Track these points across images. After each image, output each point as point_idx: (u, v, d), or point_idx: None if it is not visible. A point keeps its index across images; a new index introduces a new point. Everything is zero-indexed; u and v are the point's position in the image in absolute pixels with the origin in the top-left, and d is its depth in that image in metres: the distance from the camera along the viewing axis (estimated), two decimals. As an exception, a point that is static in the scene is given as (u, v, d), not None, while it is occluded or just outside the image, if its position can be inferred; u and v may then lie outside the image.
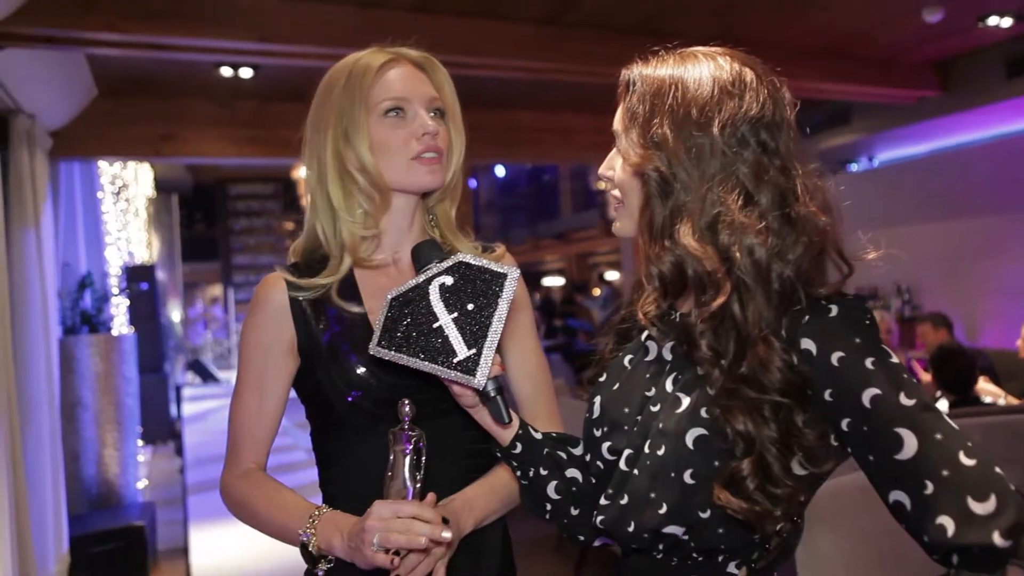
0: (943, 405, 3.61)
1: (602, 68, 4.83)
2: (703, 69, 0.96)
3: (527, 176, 18.55)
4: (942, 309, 5.94)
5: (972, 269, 6.84)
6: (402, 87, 1.22)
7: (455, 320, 1.02)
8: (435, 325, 1.03)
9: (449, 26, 4.28)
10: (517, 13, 4.45)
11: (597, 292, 13.77)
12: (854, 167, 7.92)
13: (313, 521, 1.13)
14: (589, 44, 4.74)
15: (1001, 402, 4.45)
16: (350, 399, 1.19)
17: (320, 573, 1.15)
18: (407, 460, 1.08)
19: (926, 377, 4.08)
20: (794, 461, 0.88)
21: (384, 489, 1.08)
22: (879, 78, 5.84)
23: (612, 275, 16.64)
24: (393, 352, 1.03)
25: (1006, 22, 5.07)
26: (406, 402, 1.09)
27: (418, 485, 1.08)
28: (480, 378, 1.00)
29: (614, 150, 1.05)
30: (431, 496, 1.09)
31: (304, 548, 1.14)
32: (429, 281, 1.06)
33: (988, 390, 4.57)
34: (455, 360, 1.01)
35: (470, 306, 1.03)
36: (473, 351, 1.00)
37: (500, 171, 16.87)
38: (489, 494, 1.21)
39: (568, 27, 4.67)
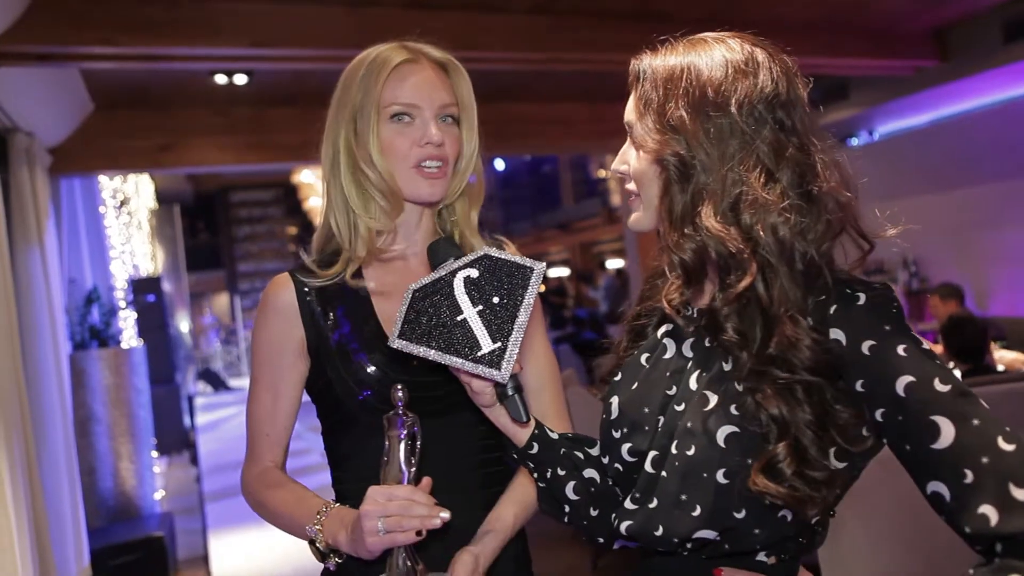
0: (956, 374, 3.60)
1: (596, 55, 4.82)
2: (714, 52, 0.96)
3: (527, 168, 18.53)
4: (950, 280, 5.91)
5: (978, 238, 6.81)
6: (413, 92, 1.20)
7: (480, 313, 1.01)
8: (459, 318, 1.02)
9: (442, 21, 4.27)
10: (508, 4, 4.43)
11: (600, 282, 13.72)
12: (854, 141, 7.88)
13: (320, 517, 1.14)
14: (582, 31, 4.72)
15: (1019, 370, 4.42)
16: (360, 398, 1.19)
17: (332, 567, 1.15)
18: (402, 445, 1.07)
19: (938, 349, 4.06)
20: (830, 447, 0.86)
21: (380, 475, 1.08)
22: (876, 50, 5.80)
23: (617, 263, 16.62)
24: (415, 345, 1.02)
25: (1002, -13, 5.04)
26: (399, 387, 1.08)
27: (413, 469, 1.07)
28: (505, 372, 0.99)
29: (626, 144, 1.04)
30: (426, 480, 1.08)
31: (312, 544, 1.15)
32: (453, 274, 1.04)
33: (1006, 359, 4.54)
34: (479, 353, 1.00)
35: (495, 299, 1.02)
36: (498, 344, 1.00)
37: (499, 164, 16.85)
38: (515, 514, 1.20)
39: (560, 15, 4.65)
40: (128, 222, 7.88)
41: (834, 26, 5.43)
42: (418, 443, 1.08)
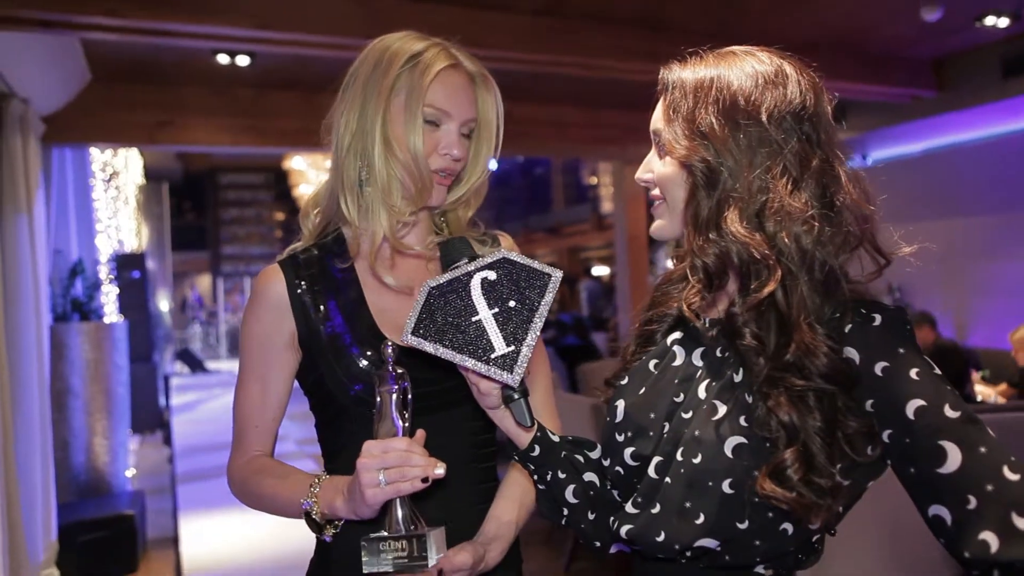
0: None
1: (598, 60, 4.83)
2: (744, 64, 0.97)
3: (519, 169, 18.54)
4: (932, 308, 5.99)
5: (962, 269, 6.89)
6: (448, 102, 1.20)
7: (496, 316, 1.02)
8: (475, 319, 1.02)
9: (446, 15, 4.27)
10: (515, 3, 4.44)
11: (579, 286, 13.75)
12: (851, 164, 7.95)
13: (314, 489, 1.14)
14: (586, 35, 4.73)
15: (992, 400, 4.50)
16: (353, 392, 1.18)
17: (328, 539, 1.14)
18: (393, 399, 1.07)
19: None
20: (838, 457, 0.87)
21: (373, 431, 1.08)
22: (875, 75, 5.86)
23: (602, 270, 16.66)
24: (429, 342, 1.02)
25: (1003, 22, 5.10)
26: (389, 343, 1.08)
27: (406, 424, 1.07)
28: (517, 376, 0.99)
29: (650, 154, 1.05)
30: (420, 433, 1.08)
31: (308, 516, 1.14)
32: (471, 275, 1.05)
33: (980, 391, 4.62)
34: (493, 355, 1.00)
35: (512, 303, 1.02)
36: (512, 348, 1.00)
37: (493, 164, 16.83)
38: (519, 518, 1.21)
39: (565, 18, 4.66)
40: (116, 196, 7.81)
41: (836, 48, 5.49)
42: (409, 396, 1.09)
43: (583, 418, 4.01)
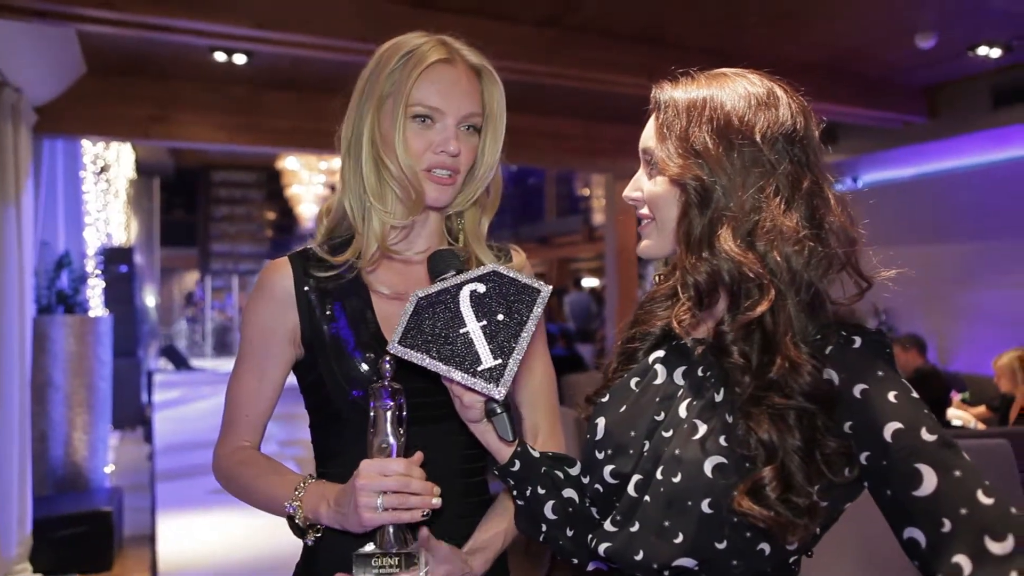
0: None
1: (599, 74, 4.85)
2: (736, 85, 0.98)
3: (512, 178, 18.57)
4: (917, 332, 6.02)
5: (948, 294, 6.94)
6: (441, 98, 1.18)
7: (483, 328, 1.02)
8: (462, 331, 1.02)
9: (448, 22, 4.24)
10: (518, 13, 4.45)
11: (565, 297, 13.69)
12: (838, 187, 7.99)
13: (299, 492, 1.13)
14: (586, 49, 4.75)
15: (972, 426, 4.53)
16: (351, 397, 1.17)
17: (310, 542, 1.14)
18: (388, 415, 1.07)
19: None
20: (816, 477, 0.87)
21: (368, 447, 1.08)
22: (869, 100, 5.92)
23: (591, 281, 16.69)
24: (415, 352, 1.02)
25: (995, 52, 5.16)
26: (387, 358, 1.08)
27: (402, 440, 1.08)
28: (503, 389, 0.99)
29: (638, 173, 1.05)
30: (418, 455, 1.07)
31: (291, 520, 1.13)
32: (460, 286, 1.05)
33: (959, 415, 4.65)
34: (479, 368, 1.00)
35: (500, 316, 1.02)
36: (499, 361, 1.00)
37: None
38: (507, 530, 1.21)
39: (568, 30, 4.68)
40: (106, 190, 7.77)
41: (831, 71, 5.54)
42: (404, 413, 1.09)
43: (568, 430, 4.00)
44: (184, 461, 6.64)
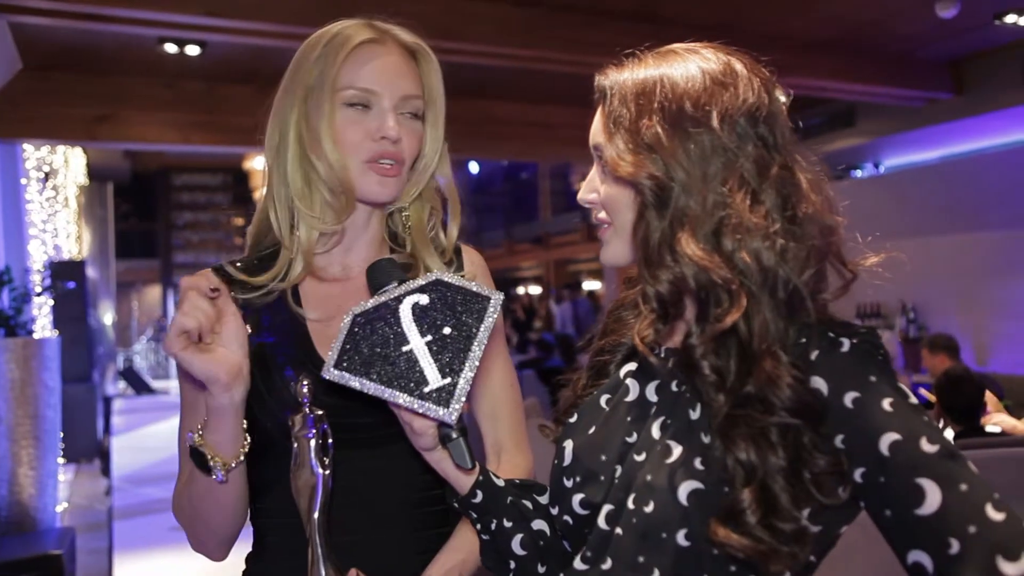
0: (948, 435, 3.63)
1: (590, 57, 4.83)
2: (689, 63, 0.95)
3: (503, 173, 18.58)
4: (950, 329, 6.01)
5: (984, 286, 6.93)
6: (374, 77, 1.16)
7: (428, 345, 0.99)
8: (405, 349, 0.99)
9: (419, 5, 4.25)
10: (497, -8, 4.45)
11: (554, 308, 13.61)
12: (859, 173, 8.02)
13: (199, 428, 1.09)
14: (577, 29, 4.75)
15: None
16: (281, 420, 1.14)
17: (220, 478, 1.08)
18: (312, 445, 1.05)
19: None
20: (804, 500, 0.85)
21: (291, 483, 1.06)
22: (888, 77, 5.92)
23: (593, 284, 16.70)
24: (353, 376, 0.99)
25: (1024, 20, 5.17)
26: (305, 381, 1.06)
27: (326, 471, 1.06)
28: (453, 412, 0.96)
29: (592, 171, 1.02)
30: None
31: (195, 453, 1.08)
32: (400, 299, 1.02)
33: (1005, 422, 4.60)
34: (426, 389, 0.97)
35: (447, 330, 0.99)
36: (447, 380, 0.97)
37: (474, 167, 16.87)
38: (463, 569, 1.17)
39: (554, 9, 4.67)
40: (53, 198, 7.74)
41: (844, 47, 5.54)
42: (329, 441, 1.07)
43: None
44: (145, 496, 6.60)
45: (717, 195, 0.90)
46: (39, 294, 6.25)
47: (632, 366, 1.04)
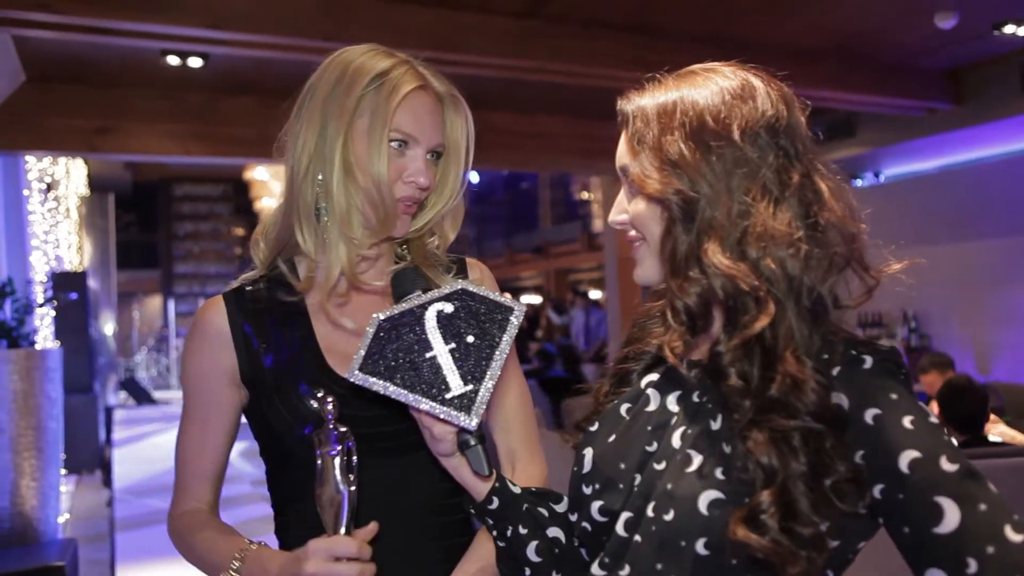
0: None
1: (586, 67, 4.87)
2: (708, 82, 0.98)
3: (503, 183, 18.60)
4: (951, 338, 6.02)
5: (985, 295, 6.94)
6: (416, 125, 1.21)
7: (452, 352, 1.01)
8: (428, 355, 1.01)
9: (418, 17, 4.29)
10: (492, 4, 4.47)
11: (554, 317, 13.55)
12: (859, 182, 8.04)
13: (239, 564, 1.12)
14: (571, 40, 4.77)
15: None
16: (299, 434, 1.17)
17: None
18: (336, 462, 1.06)
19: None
20: (823, 505, 0.86)
21: (316, 499, 1.07)
22: (887, 86, 5.94)
23: (594, 293, 16.69)
24: (377, 380, 1.00)
25: (1023, 31, 5.19)
26: (329, 398, 1.08)
27: (352, 488, 1.07)
28: (475, 418, 0.98)
29: (621, 192, 1.05)
30: (372, 526, 1.07)
31: None
32: (425, 306, 1.04)
33: (1005, 433, 4.60)
34: (449, 396, 0.99)
35: (470, 338, 1.01)
36: (470, 387, 0.99)
37: (474, 177, 16.87)
38: (482, 574, 1.19)
39: (549, 21, 4.69)
40: (54, 209, 7.76)
41: (843, 57, 5.56)
42: (354, 458, 1.08)
43: (567, 458, 3.98)
44: (148, 506, 6.59)
45: (741, 205, 0.92)
46: (41, 305, 6.26)
47: (654, 376, 1.06)
